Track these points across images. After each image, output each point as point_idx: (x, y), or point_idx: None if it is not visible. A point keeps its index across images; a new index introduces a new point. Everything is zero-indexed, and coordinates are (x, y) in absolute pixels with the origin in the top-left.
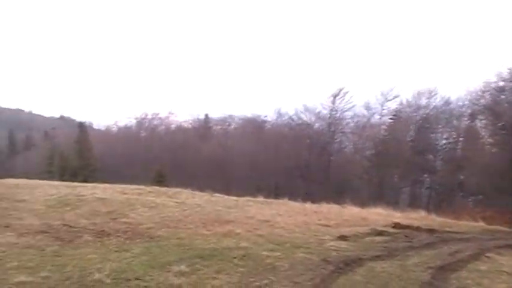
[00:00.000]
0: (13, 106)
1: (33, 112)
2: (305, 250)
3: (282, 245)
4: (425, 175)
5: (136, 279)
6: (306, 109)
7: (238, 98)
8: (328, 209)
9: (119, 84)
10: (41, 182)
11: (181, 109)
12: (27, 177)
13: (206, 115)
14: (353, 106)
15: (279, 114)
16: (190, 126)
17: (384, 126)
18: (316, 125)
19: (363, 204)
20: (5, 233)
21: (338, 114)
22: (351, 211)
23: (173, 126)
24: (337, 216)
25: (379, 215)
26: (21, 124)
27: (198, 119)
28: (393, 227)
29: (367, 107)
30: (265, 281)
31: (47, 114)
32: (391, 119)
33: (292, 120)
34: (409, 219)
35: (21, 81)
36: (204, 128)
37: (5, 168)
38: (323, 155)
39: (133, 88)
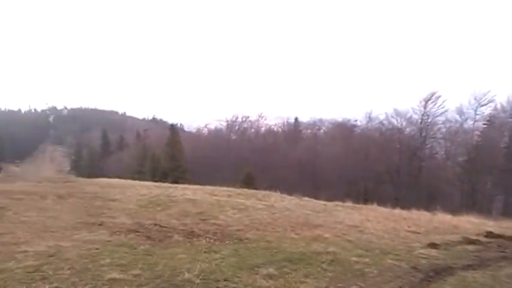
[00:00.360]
0: (107, 108)
1: (127, 114)
2: (394, 257)
3: (370, 251)
4: None
5: (225, 280)
6: (397, 113)
7: (328, 100)
8: (418, 216)
9: (209, 87)
10: (133, 182)
11: (271, 111)
12: (119, 177)
13: (296, 119)
14: (445, 111)
15: (369, 119)
16: (280, 129)
17: (477, 132)
18: (407, 130)
19: (454, 211)
20: (98, 230)
21: (430, 119)
22: (442, 218)
23: (263, 129)
24: (427, 223)
25: (471, 223)
26: (114, 125)
27: (287, 122)
28: (485, 236)
29: (460, 112)
30: (354, 287)
31: (140, 116)
32: (484, 124)
33: (383, 124)
34: (502, 228)
35: (115, 84)
36: (293, 131)
37: (99, 167)
38: (414, 160)
39: (224, 90)
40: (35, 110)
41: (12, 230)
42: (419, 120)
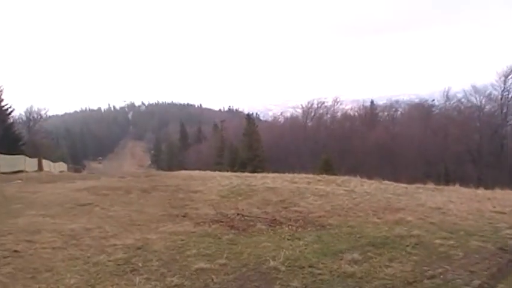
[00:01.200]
0: (184, 101)
1: (203, 106)
2: (479, 238)
3: (455, 233)
4: None
5: (310, 266)
6: (476, 91)
7: (403, 80)
8: (503, 195)
9: (283, 74)
10: (213, 173)
11: (346, 94)
12: (199, 169)
13: (372, 101)
14: None
15: (447, 98)
16: (356, 113)
17: None
18: (487, 107)
19: None
20: (183, 222)
21: (510, 95)
22: None
23: (339, 114)
24: None
25: None
26: (191, 118)
27: (363, 105)
28: None
29: None
30: (440, 270)
31: (216, 108)
32: None
33: (461, 103)
34: None
35: (191, 77)
36: (369, 115)
37: (178, 160)
38: (495, 138)
39: (297, 76)
40: (114, 107)
41: (100, 225)
42: (500, 97)
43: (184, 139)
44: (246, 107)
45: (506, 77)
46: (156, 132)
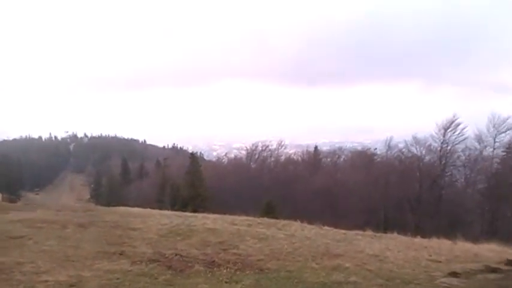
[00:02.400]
0: (128, 136)
1: (147, 142)
2: (415, 286)
3: (391, 280)
4: None
5: None
6: (416, 141)
7: (348, 128)
8: (439, 244)
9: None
10: (153, 211)
11: (290, 138)
12: (139, 206)
13: (315, 147)
14: (465, 139)
15: (389, 147)
16: (299, 158)
17: (496, 160)
18: (427, 158)
19: (475, 239)
20: (119, 260)
21: (449, 147)
22: (463, 247)
23: (283, 158)
24: (448, 251)
25: (492, 251)
26: (135, 153)
27: (307, 151)
28: (507, 264)
29: (479, 140)
30: None
31: (160, 144)
32: (504, 152)
33: (402, 153)
34: None
35: (136, 112)
36: (313, 160)
37: (119, 196)
38: (434, 188)
39: (244, 118)
40: (55, 137)
41: (33, 259)
42: (439, 148)
43: (125, 174)
44: (190, 146)
45: (445, 129)
46: (97, 165)
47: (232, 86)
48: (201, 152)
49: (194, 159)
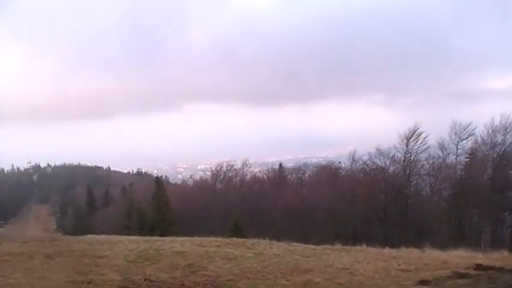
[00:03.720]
0: (91, 163)
1: (111, 168)
2: None
3: None
4: (506, 213)
5: None
6: (380, 153)
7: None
8: (408, 253)
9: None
10: (120, 237)
11: (254, 156)
12: (106, 233)
13: (280, 164)
14: (427, 147)
15: (353, 160)
16: (265, 176)
17: (460, 166)
18: (391, 169)
19: (443, 246)
20: None
21: (413, 157)
22: (431, 254)
23: (248, 177)
24: (417, 260)
25: (461, 257)
26: (99, 181)
27: (272, 168)
28: (475, 269)
29: (442, 147)
30: None
31: (124, 170)
32: (467, 158)
33: (367, 165)
34: (491, 260)
35: (98, 139)
36: (278, 177)
37: (85, 224)
38: (399, 198)
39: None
40: (18, 169)
41: None
42: (403, 158)
43: (91, 202)
44: (155, 170)
45: (408, 139)
46: (62, 194)
47: (195, 109)
48: (166, 176)
49: (159, 183)
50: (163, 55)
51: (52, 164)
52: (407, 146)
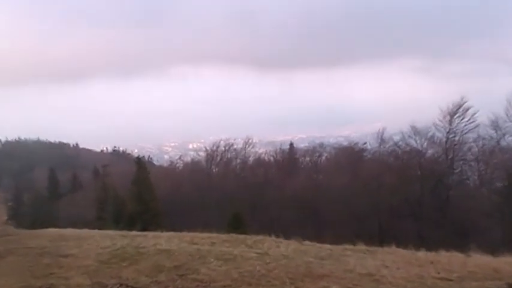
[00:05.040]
0: (54, 139)
1: (80, 146)
2: None
3: None
4: None
5: None
6: (416, 132)
7: (329, 119)
8: (449, 258)
9: (181, 108)
10: (91, 231)
11: (259, 134)
12: (73, 226)
13: (291, 144)
14: (476, 126)
15: (381, 140)
16: (271, 159)
17: None
18: (429, 152)
19: (493, 251)
20: None
21: (457, 138)
22: (478, 260)
23: (251, 159)
24: (460, 267)
25: None
26: (65, 161)
27: (280, 149)
28: None
29: (495, 127)
30: None
31: (97, 148)
32: None
33: (398, 147)
34: None
35: (65, 110)
36: (288, 160)
37: (46, 215)
38: (439, 189)
39: (200, 112)
40: None
41: None
42: (444, 140)
43: (54, 188)
44: (136, 149)
45: (451, 115)
46: (16, 178)
47: (186, 74)
48: (149, 156)
49: (141, 165)
50: (154, 10)
51: (3, 139)
52: (450, 124)
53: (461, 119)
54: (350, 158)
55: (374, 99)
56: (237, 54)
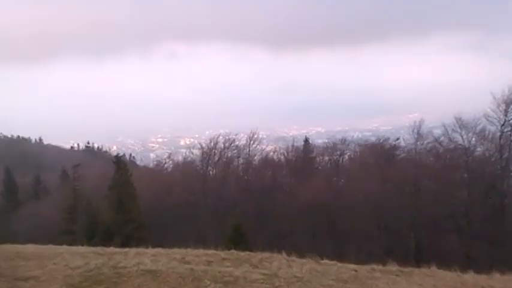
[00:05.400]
0: (13, 133)
1: (45, 142)
2: None
3: None
4: None
5: None
6: (462, 125)
7: (353, 109)
8: (505, 283)
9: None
10: (58, 248)
11: (266, 128)
12: (35, 242)
13: (306, 140)
14: None
15: (418, 135)
16: (282, 158)
17: None
18: (479, 150)
19: None
20: None
21: None
22: None
23: (256, 158)
24: None
25: None
26: (25, 160)
27: (293, 146)
28: None
29: None
30: None
31: (66, 145)
32: None
33: (440, 143)
34: None
35: (26, 98)
36: (302, 160)
37: (1, 227)
38: (491, 196)
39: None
40: None
41: None
42: (499, 134)
43: (11, 193)
44: (114, 145)
45: (508, 105)
46: None
47: (175, 53)
48: (131, 155)
49: (121, 165)
50: None
51: None
52: (506, 115)
53: None
54: (379, 157)
55: (409, 84)
56: (242, 28)
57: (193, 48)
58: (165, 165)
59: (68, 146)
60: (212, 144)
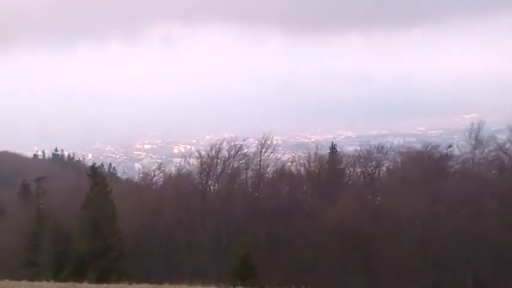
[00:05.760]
0: None
1: (2, 149)
2: None
3: None
4: None
5: None
6: None
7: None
8: None
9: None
10: (16, 284)
11: (282, 131)
12: None
13: (332, 147)
14: None
15: (477, 141)
16: (302, 169)
17: None
18: None
19: None
20: None
21: None
22: None
23: (270, 170)
24: None
25: None
26: None
27: (316, 155)
28: None
29: None
30: None
31: (28, 153)
32: None
33: (505, 152)
34: None
35: None
36: (328, 172)
37: None
38: None
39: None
40: None
41: None
42: None
43: None
44: (90, 153)
45: None
46: None
47: (168, 36)
48: (111, 165)
49: (98, 179)
50: None
51: None
52: None
53: None
54: (426, 169)
55: (465, 77)
56: (252, 7)
57: (192, 31)
58: (154, 179)
59: (30, 154)
60: (214, 152)
